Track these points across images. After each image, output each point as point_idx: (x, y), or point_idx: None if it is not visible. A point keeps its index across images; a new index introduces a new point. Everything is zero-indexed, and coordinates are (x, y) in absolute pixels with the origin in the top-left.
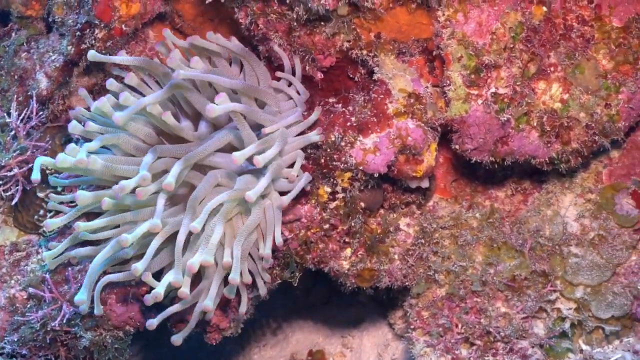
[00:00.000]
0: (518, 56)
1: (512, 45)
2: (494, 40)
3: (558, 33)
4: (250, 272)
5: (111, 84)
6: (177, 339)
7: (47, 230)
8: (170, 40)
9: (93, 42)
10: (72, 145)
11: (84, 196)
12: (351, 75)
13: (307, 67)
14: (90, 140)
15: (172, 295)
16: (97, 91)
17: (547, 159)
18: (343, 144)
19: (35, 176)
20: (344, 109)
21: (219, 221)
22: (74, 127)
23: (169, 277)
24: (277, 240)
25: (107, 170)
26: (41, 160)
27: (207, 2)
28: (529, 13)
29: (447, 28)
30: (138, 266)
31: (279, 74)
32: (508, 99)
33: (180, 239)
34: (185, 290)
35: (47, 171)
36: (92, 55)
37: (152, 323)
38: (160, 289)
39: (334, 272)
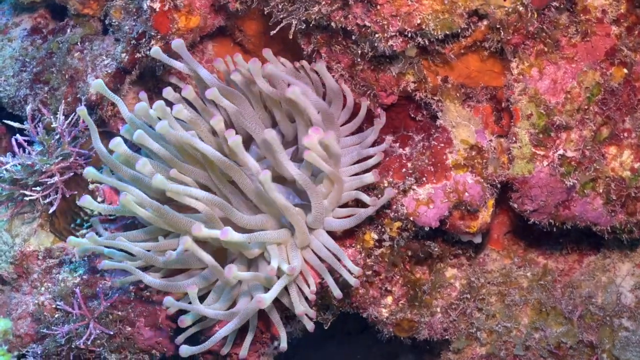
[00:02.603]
0: (592, 119)
1: (586, 107)
2: (568, 100)
3: (637, 97)
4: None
5: (168, 93)
6: None
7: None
8: (241, 65)
9: (148, 52)
10: (119, 139)
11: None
12: (412, 115)
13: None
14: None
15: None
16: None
17: (609, 228)
18: (395, 190)
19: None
20: (400, 150)
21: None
22: (126, 131)
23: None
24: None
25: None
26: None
27: (272, 33)
28: (609, 74)
29: (520, 82)
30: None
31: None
32: (576, 162)
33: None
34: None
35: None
36: (177, 44)
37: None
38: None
39: (372, 318)
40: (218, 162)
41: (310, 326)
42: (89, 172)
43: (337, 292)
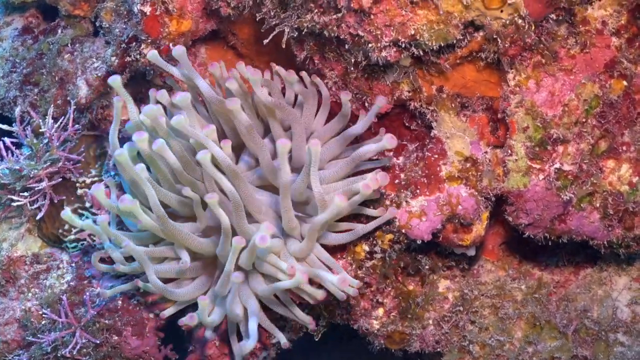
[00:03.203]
0: (589, 132)
1: (584, 120)
2: (565, 112)
3: (636, 111)
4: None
5: (162, 96)
6: None
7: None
8: (241, 71)
9: (138, 56)
10: (146, 135)
11: (127, 201)
12: (407, 124)
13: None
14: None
15: None
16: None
17: (605, 242)
18: (388, 202)
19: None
20: (394, 159)
21: None
22: (129, 128)
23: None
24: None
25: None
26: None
27: (264, 42)
28: (608, 86)
29: (516, 94)
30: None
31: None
32: (572, 176)
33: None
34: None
35: None
36: (178, 52)
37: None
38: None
39: (363, 330)
40: (226, 169)
41: (311, 326)
42: (122, 154)
43: (340, 295)
